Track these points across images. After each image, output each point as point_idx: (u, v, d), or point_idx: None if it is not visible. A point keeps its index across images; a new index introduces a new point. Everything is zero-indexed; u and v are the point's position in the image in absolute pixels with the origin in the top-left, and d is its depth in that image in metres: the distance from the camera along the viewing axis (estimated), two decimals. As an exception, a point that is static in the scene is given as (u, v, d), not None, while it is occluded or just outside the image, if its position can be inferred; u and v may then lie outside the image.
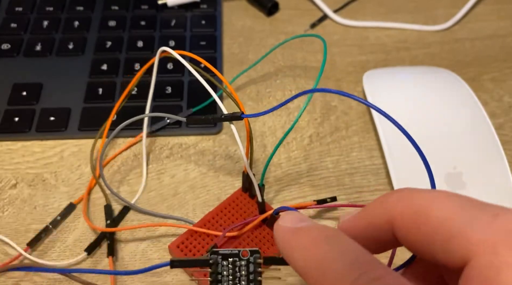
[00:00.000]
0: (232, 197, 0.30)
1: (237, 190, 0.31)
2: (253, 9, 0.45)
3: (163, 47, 0.28)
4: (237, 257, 0.20)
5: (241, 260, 0.20)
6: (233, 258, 0.20)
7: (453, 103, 0.35)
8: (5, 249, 0.29)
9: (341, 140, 0.35)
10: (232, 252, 0.20)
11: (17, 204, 0.31)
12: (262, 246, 0.28)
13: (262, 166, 0.34)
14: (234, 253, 0.20)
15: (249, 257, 0.20)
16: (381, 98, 0.35)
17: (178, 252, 0.28)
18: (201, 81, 0.27)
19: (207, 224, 0.29)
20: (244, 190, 0.31)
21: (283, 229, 0.17)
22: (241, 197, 0.31)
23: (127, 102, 0.36)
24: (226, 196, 0.31)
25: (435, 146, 0.32)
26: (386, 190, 0.32)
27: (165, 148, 0.35)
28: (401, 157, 0.32)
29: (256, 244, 0.28)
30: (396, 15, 0.45)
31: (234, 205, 0.30)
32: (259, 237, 0.29)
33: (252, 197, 0.30)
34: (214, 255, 0.20)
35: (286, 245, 0.17)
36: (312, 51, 0.42)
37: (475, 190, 0.31)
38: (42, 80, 0.37)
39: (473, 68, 0.40)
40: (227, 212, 0.30)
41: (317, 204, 0.30)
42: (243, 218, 0.30)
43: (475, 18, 0.45)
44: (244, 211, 0.30)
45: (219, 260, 0.20)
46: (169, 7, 0.43)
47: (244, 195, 0.31)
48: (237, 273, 0.20)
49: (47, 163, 0.33)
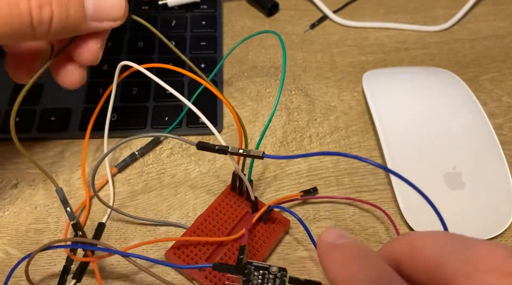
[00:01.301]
0: (221, 197, 0.31)
1: (225, 189, 0.31)
2: (253, 10, 0.45)
3: (123, 62, 0.27)
4: (267, 271, 0.24)
5: (270, 274, 0.24)
6: (263, 271, 0.24)
7: (452, 103, 0.35)
8: (6, 249, 0.29)
9: (341, 140, 0.35)
10: (264, 265, 0.24)
11: (17, 204, 0.31)
12: (258, 240, 0.29)
13: (261, 167, 0.34)
14: (265, 267, 0.24)
15: (277, 273, 0.24)
16: (380, 98, 0.35)
17: (175, 259, 0.28)
18: (167, 88, 0.26)
19: (200, 227, 0.29)
20: (233, 188, 0.31)
21: (324, 243, 0.20)
22: (229, 196, 0.31)
23: (127, 102, 0.36)
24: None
25: (434, 146, 0.33)
26: (385, 189, 0.33)
27: (166, 148, 0.35)
28: (401, 156, 0.32)
29: (256, 242, 0.29)
30: (395, 16, 0.45)
31: (224, 204, 0.30)
32: (254, 233, 0.29)
33: (241, 194, 0.31)
34: (249, 266, 0.24)
35: (323, 258, 0.19)
36: (312, 51, 0.42)
37: (474, 190, 0.31)
38: (43, 81, 0.37)
39: (472, 69, 0.40)
40: (218, 213, 0.30)
41: (303, 196, 0.31)
42: (235, 216, 0.30)
43: (474, 18, 0.45)
44: (235, 209, 0.30)
45: (252, 270, 0.24)
46: (169, 7, 0.43)
47: (232, 194, 0.31)
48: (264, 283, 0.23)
49: (48, 163, 0.33)
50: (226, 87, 0.39)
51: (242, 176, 0.27)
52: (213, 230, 0.29)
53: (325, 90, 0.39)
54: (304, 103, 0.38)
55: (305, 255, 0.30)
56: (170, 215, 0.31)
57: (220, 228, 0.29)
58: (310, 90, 0.39)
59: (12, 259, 0.29)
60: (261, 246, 0.29)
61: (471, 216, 0.30)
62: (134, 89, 0.37)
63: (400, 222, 0.31)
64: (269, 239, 0.29)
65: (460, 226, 0.30)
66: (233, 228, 0.29)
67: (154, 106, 0.36)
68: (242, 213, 0.30)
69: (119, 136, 0.35)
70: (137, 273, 0.28)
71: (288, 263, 0.29)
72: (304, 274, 0.29)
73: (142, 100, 0.36)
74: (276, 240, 0.29)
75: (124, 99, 0.36)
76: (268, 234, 0.29)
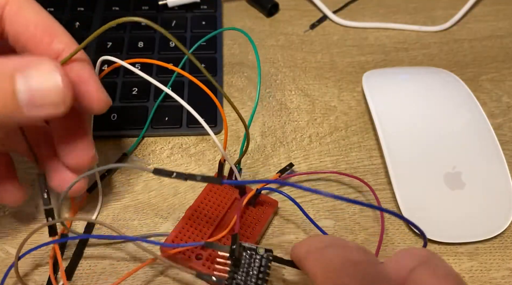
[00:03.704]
0: (208, 187, 0.31)
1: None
2: (253, 10, 0.45)
3: (103, 57, 0.26)
4: (254, 251, 0.25)
5: (257, 255, 0.25)
6: (251, 251, 0.25)
7: (452, 104, 0.35)
8: (6, 248, 0.29)
9: (341, 140, 0.36)
10: (252, 246, 0.25)
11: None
12: (250, 224, 0.29)
13: (261, 167, 0.34)
14: (253, 247, 0.25)
15: (263, 254, 0.25)
16: (380, 99, 0.35)
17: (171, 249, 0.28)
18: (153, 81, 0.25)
19: (192, 218, 0.29)
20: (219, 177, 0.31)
21: (295, 257, 0.23)
22: (216, 185, 0.31)
23: (128, 102, 0.36)
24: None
25: (434, 146, 0.33)
26: (385, 189, 0.33)
27: (166, 148, 0.35)
28: (400, 156, 0.32)
29: (248, 226, 0.29)
30: (395, 16, 0.45)
31: (212, 194, 0.31)
32: (245, 217, 0.30)
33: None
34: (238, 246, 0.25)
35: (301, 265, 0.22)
36: (312, 51, 0.42)
37: (474, 190, 0.31)
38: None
39: (472, 69, 0.40)
40: (208, 202, 0.30)
41: (280, 176, 0.32)
42: (224, 204, 0.30)
43: (474, 19, 0.45)
44: (223, 196, 0.30)
45: (241, 250, 0.25)
46: (169, 7, 0.44)
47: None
48: (251, 263, 0.25)
49: (48, 163, 0.33)
50: (226, 87, 0.39)
51: (227, 158, 0.28)
52: (205, 219, 0.29)
53: (325, 90, 0.39)
54: (304, 103, 0.38)
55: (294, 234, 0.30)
56: (170, 215, 0.31)
57: (212, 217, 0.29)
58: (310, 90, 0.39)
59: (12, 259, 0.29)
60: (253, 229, 0.29)
61: (471, 216, 0.30)
62: (134, 89, 0.37)
63: (400, 222, 0.31)
64: (260, 221, 0.29)
65: (459, 226, 0.30)
66: (224, 216, 0.30)
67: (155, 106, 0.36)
68: (231, 200, 0.30)
69: (118, 136, 0.35)
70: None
71: (279, 242, 0.30)
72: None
73: (142, 100, 0.36)
74: (266, 222, 0.30)
75: (124, 99, 0.36)
76: (258, 217, 0.30)
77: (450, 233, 0.30)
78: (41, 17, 0.24)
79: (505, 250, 0.30)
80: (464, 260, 0.29)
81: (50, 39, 0.24)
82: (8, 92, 0.20)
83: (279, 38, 0.43)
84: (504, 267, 0.29)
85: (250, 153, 0.35)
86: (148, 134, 0.35)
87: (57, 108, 0.21)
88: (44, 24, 0.24)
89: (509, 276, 0.29)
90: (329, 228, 0.31)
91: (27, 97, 0.20)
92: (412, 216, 0.30)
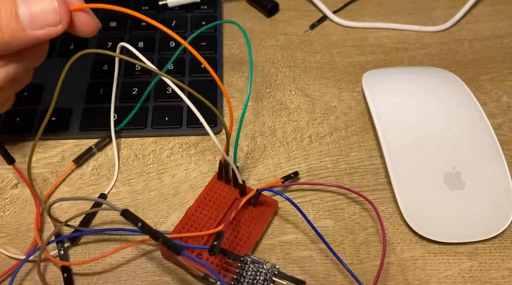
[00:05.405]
0: (209, 187, 0.31)
1: (212, 179, 0.32)
2: (253, 10, 0.45)
3: (122, 43, 0.27)
4: (261, 265, 0.27)
5: (264, 269, 0.27)
6: (258, 265, 0.27)
7: (452, 104, 0.35)
8: (6, 249, 0.29)
9: (341, 140, 0.36)
10: (260, 260, 0.27)
11: (18, 204, 0.31)
12: (250, 224, 0.29)
13: (261, 166, 0.34)
14: (261, 261, 0.27)
15: (270, 268, 0.27)
16: (380, 99, 0.35)
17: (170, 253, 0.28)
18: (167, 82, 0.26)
19: (192, 218, 0.29)
20: (219, 177, 0.31)
21: None
22: (217, 185, 0.31)
23: (129, 102, 0.36)
24: (226, 196, 0.31)
25: (434, 146, 0.33)
26: (385, 189, 0.33)
27: (166, 148, 0.35)
28: (400, 156, 0.32)
29: (248, 226, 0.29)
30: (395, 16, 0.45)
31: (212, 193, 0.31)
32: (245, 217, 0.30)
33: (228, 182, 0.31)
34: (247, 257, 0.27)
35: None
36: (312, 51, 0.42)
37: (473, 190, 0.31)
38: (43, 81, 0.37)
39: (472, 69, 0.41)
40: (208, 202, 0.30)
41: (283, 182, 0.32)
42: (224, 204, 0.30)
43: (474, 19, 0.45)
44: (224, 196, 0.31)
45: (248, 262, 0.27)
46: (169, 8, 0.44)
47: (219, 182, 0.31)
48: (257, 276, 0.26)
49: (48, 163, 0.33)
50: (226, 87, 0.39)
51: (228, 159, 0.28)
52: (205, 219, 0.29)
53: (325, 90, 0.39)
54: (304, 103, 0.38)
55: (294, 235, 0.30)
56: (170, 215, 0.31)
57: (212, 217, 0.29)
58: (310, 90, 0.39)
59: (12, 259, 0.29)
60: (253, 229, 0.29)
61: (471, 216, 0.30)
62: (134, 89, 0.37)
63: (400, 222, 0.31)
64: (260, 221, 0.30)
65: (460, 226, 0.30)
66: (224, 216, 0.30)
67: (154, 106, 0.36)
68: (231, 200, 0.30)
69: (119, 136, 0.35)
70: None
71: (279, 242, 0.30)
72: (297, 251, 0.29)
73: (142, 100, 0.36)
74: (266, 222, 0.30)
75: (124, 99, 0.37)
76: (258, 217, 0.30)
77: (450, 233, 0.30)
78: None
79: (505, 250, 0.30)
80: (464, 260, 0.29)
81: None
82: (12, 16, 0.23)
83: (279, 38, 0.43)
84: (504, 267, 0.29)
85: (250, 153, 0.35)
86: (148, 134, 0.35)
87: (57, 27, 0.25)
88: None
89: (509, 276, 0.29)
90: (329, 228, 0.31)
91: (28, 18, 0.24)
92: (412, 216, 0.31)
